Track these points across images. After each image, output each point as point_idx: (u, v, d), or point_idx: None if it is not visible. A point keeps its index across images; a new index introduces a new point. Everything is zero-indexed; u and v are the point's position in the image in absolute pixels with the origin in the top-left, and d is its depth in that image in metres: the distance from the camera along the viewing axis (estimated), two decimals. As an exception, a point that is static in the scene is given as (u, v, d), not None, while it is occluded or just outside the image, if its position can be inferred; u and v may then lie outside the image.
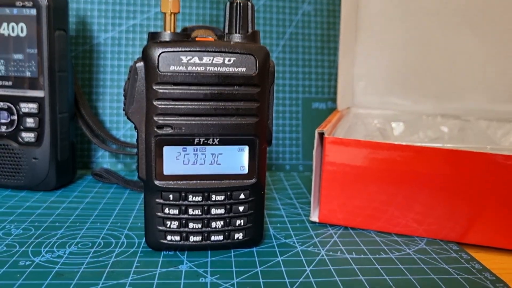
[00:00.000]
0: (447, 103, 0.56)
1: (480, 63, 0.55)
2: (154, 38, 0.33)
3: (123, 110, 0.33)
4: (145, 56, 0.32)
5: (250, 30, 0.33)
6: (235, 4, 0.33)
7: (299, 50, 0.62)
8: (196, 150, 0.33)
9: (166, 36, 0.32)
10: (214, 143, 0.33)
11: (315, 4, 0.62)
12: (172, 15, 0.33)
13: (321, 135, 0.40)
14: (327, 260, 0.34)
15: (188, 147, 0.33)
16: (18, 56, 0.46)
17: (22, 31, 0.46)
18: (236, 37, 0.33)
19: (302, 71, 0.62)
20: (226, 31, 0.34)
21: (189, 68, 0.32)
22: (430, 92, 0.56)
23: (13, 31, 0.46)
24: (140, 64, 0.32)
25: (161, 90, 0.32)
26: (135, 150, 0.34)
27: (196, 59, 0.32)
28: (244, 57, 0.32)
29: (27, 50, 0.46)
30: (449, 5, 0.54)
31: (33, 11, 0.45)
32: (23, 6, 0.45)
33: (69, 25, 0.49)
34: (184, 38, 0.33)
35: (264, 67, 0.33)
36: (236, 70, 0.32)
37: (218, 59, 0.32)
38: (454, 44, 0.55)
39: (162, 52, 0.31)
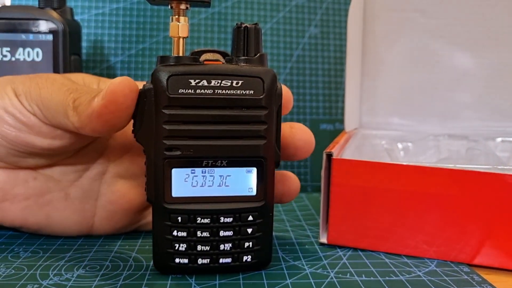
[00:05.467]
0: (454, 123, 0.56)
1: (485, 82, 0.55)
2: (163, 61, 0.33)
3: (132, 132, 0.33)
4: (154, 80, 0.32)
5: (257, 53, 0.34)
6: (242, 28, 0.33)
7: (306, 72, 0.62)
8: (205, 172, 0.33)
9: (175, 59, 0.33)
10: (222, 164, 0.33)
11: (322, 27, 0.63)
12: (181, 39, 0.34)
13: (329, 156, 0.40)
14: (337, 283, 0.34)
15: (196, 169, 0.33)
16: (32, 81, 0.47)
17: (37, 56, 0.46)
18: (244, 60, 0.34)
19: (309, 92, 0.62)
20: (234, 54, 0.34)
21: (198, 91, 0.32)
22: (436, 112, 0.56)
23: (28, 56, 0.46)
24: (149, 87, 0.32)
25: (169, 113, 0.32)
26: None
27: (204, 82, 0.32)
28: (252, 80, 0.33)
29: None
30: (452, 27, 0.54)
31: (49, 37, 0.46)
32: (39, 32, 0.46)
33: (82, 50, 0.50)
34: (192, 61, 0.33)
35: (271, 89, 0.33)
36: (244, 92, 0.33)
37: (226, 82, 0.32)
38: (458, 64, 0.55)
39: (171, 76, 0.32)
